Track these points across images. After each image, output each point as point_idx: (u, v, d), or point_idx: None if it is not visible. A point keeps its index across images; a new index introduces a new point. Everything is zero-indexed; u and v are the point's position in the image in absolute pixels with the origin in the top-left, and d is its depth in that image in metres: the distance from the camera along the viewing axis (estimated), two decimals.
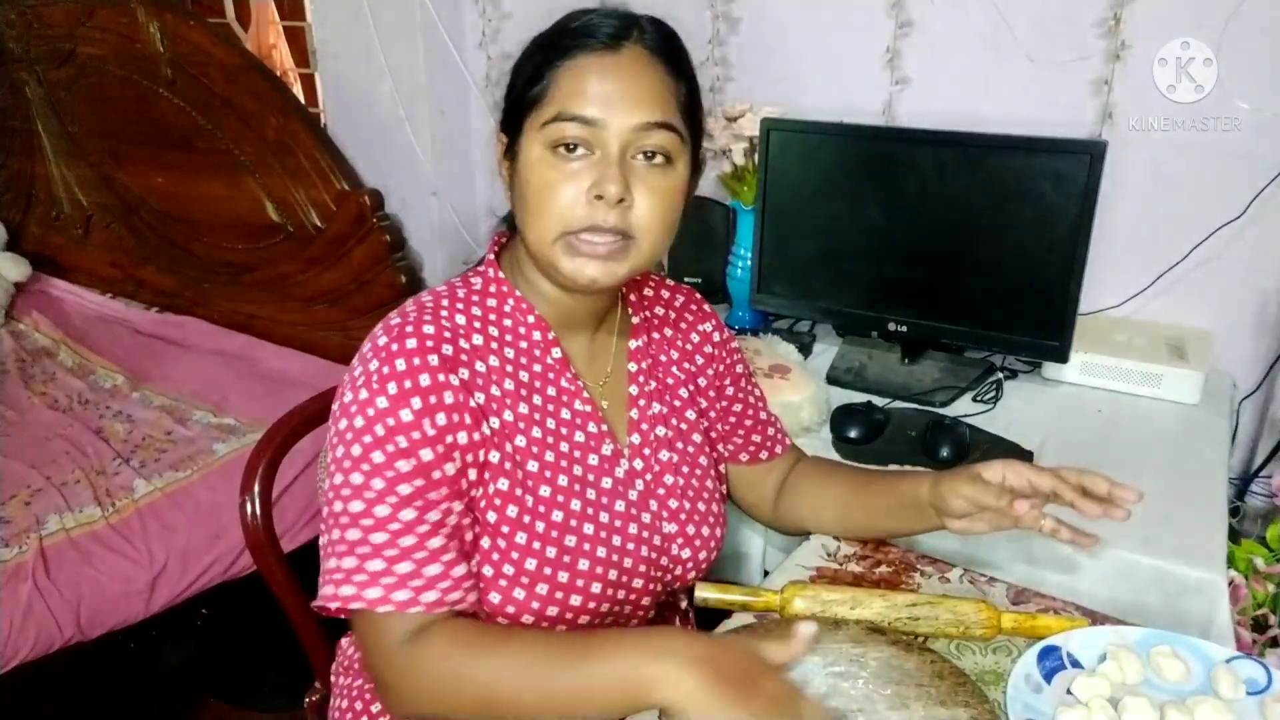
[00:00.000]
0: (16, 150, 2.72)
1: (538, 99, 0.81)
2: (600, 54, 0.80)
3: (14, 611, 1.44)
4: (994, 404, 1.47)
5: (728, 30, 1.82)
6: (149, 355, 2.31)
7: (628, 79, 0.80)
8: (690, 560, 0.96)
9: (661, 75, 0.82)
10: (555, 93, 0.80)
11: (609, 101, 0.79)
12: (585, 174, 0.80)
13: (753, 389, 1.09)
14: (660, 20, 0.85)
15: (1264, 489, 1.46)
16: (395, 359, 0.79)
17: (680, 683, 0.69)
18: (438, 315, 0.83)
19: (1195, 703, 0.75)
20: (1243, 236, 1.48)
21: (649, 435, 0.95)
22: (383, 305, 2.08)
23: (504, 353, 0.86)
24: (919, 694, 0.77)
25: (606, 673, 0.72)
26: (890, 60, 1.65)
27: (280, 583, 1.07)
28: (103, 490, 1.73)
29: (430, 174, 2.12)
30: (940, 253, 1.48)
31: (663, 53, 0.83)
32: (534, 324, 0.89)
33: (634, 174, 0.81)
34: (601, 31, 0.80)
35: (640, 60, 0.81)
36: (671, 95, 0.83)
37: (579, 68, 0.80)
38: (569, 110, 0.79)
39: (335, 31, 2.15)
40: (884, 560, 1.02)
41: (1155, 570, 1.08)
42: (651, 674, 0.70)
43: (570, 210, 0.80)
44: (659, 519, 0.93)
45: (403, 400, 0.77)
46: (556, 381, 0.89)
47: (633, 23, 0.82)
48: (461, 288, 0.89)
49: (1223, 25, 1.39)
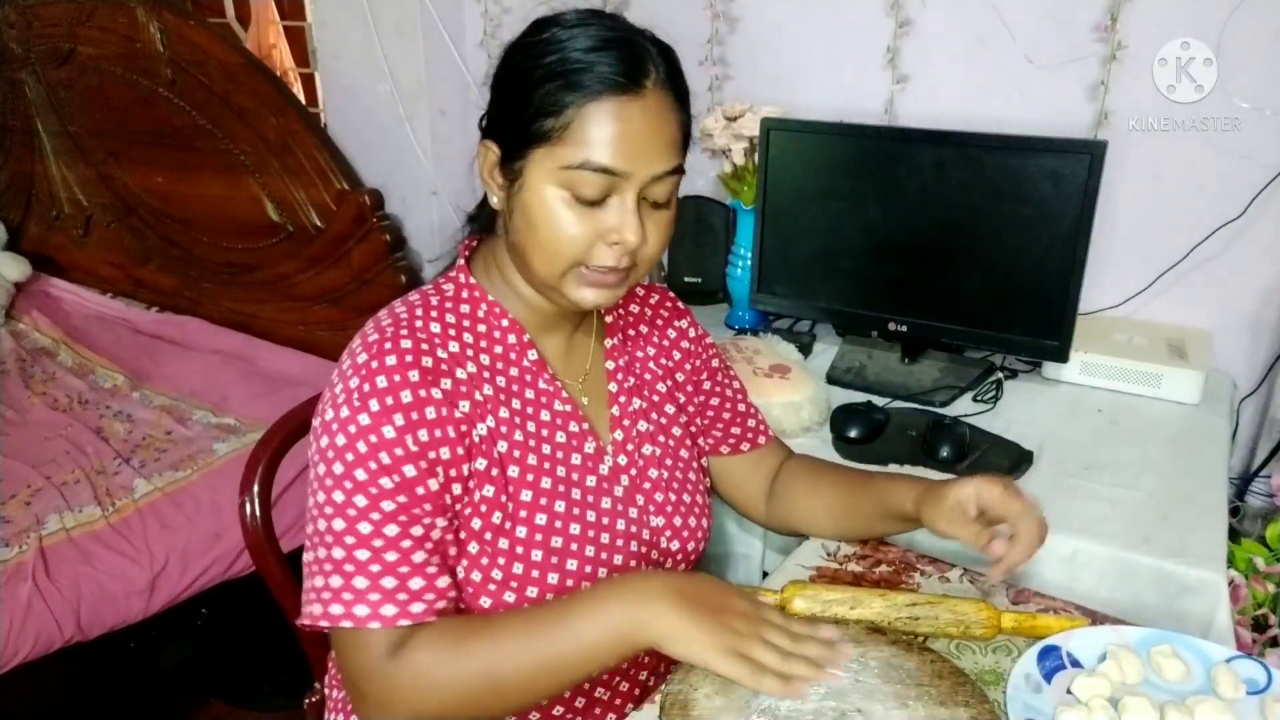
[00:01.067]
0: (16, 150, 2.72)
1: (556, 133, 0.78)
2: (626, 98, 0.77)
3: (14, 611, 1.43)
4: (994, 404, 1.47)
5: (727, 30, 1.82)
6: (149, 355, 2.31)
7: (652, 127, 0.79)
8: (680, 552, 0.96)
9: (677, 116, 0.82)
10: (579, 135, 0.77)
11: (635, 153, 0.78)
12: (601, 218, 0.80)
13: (730, 381, 1.09)
14: (664, 44, 0.83)
15: (1264, 489, 1.46)
16: (375, 376, 0.79)
17: (664, 617, 0.75)
18: (413, 327, 0.83)
19: (1195, 702, 0.75)
20: (1242, 236, 1.48)
21: (631, 431, 0.96)
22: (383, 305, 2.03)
23: (480, 359, 0.86)
24: (919, 694, 0.77)
25: (597, 626, 0.76)
26: (890, 60, 1.65)
27: (279, 582, 1.07)
28: (103, 490, 1.74)
29: (430, 173, 2.12)
30: (940, 252, 1.48)
31: (674, 88, 0.82)
32: (509, 327, 0.89)
33: (643, 213, 0.81)
34: (624, 69, 0.77)
35: (660, 103, 0.79)
36: (681, 133, 0.82)
37: (604, 113, 0.77)
38: (595, 161, 0.77)
39: (335, 31, 2.15)
40: (884, 560, 1.02)
41: (1155, 570, 1.08)
42: (639, 617, 0.76)
43: (582, 250, 0.80)
44: (646, 513, 0.94)
45: (384, 417, 0.77)
46: (534, 383, 0.89)
47: (647, 53, 0.79)
48: (434, 294, 0.88)
49: (1222, 25, 1.39)
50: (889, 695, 0.77)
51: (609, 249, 0.80)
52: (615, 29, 0.80)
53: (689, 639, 0.74)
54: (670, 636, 0.75)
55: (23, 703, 1.49)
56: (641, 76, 0.78)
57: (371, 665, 0.76)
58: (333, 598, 0.77)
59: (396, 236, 2.02)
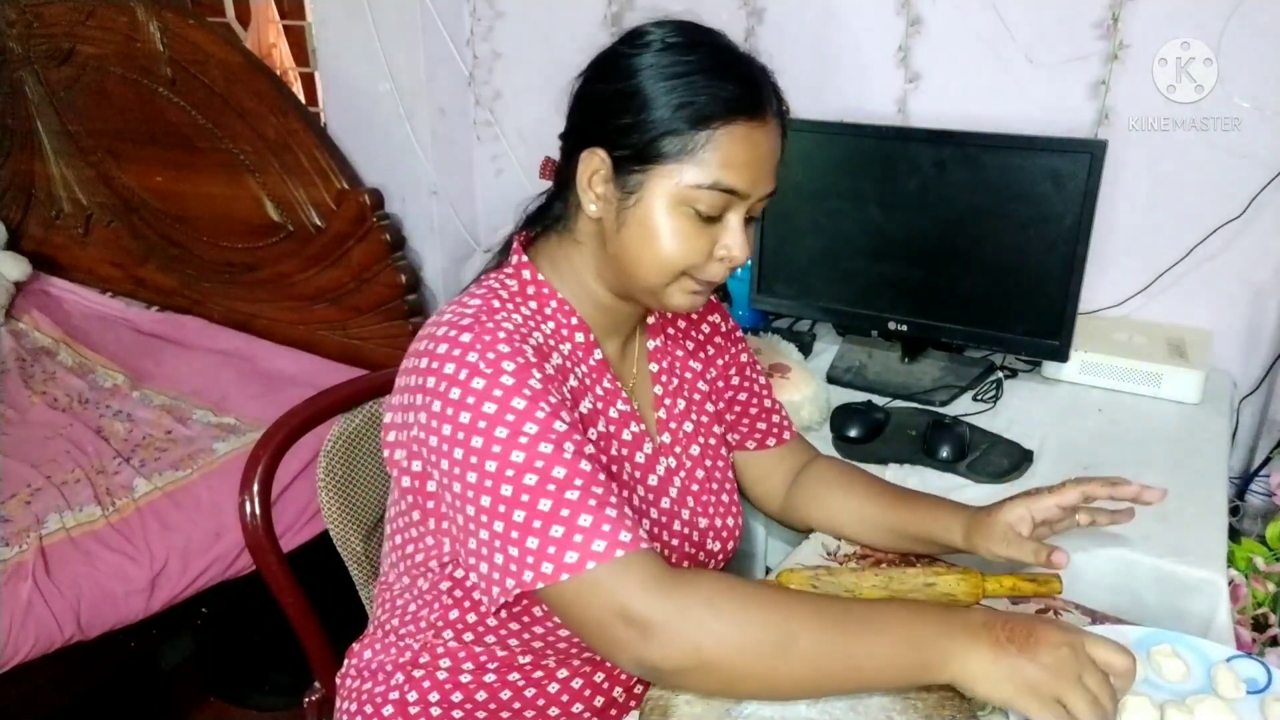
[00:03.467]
0: (16, 150, 2.71)
1: (686, 153, 0.79)
2: (756, 125, 0.80)
3: (14, 610, 1.44)
4: (994, 403, 1.47)
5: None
6: (149, 354, 2.31)
7: (772, 152, 0.83)
8: (720, 552, 0.97)
9: (784, 141, 0.85)
10: (711, 157, 0.79)
11: (756, 176, 0.81)
12: (713, 232, 0.82)
13: (757, 376, 1.09)
14: (770, 73, 0.85)
15: (1264, 488, 1.46)
16: (494, 345, 0.77)
17: (976, 656, 0.69)
18: (495, 318, 0.80)
19: (1195, 702, 0.75)
20: (1242, 236, 1.48)
21: (678, 433, 0.96)
22: (382, 304, 2.08)
23: (560, 349, 0.86)
24: (904, 707, 0.77)
25: (905, 640, 0.71)
26: (903, 59, 1.64)
27: (279, 582, 1.07)
28: (103, 489, 1.74)
29: (430, 173, 2.12)
30: (940, 252, 1.48)
31: (782, 115, 0.85)
32: (577, 325, 0.88)
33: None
34: (757, 98, 0.80)
35: (776, 132, 0.83)
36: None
37: (737, 138, 0.79)
38: (725, 183, 0.79)
39: (335, 30, 2.15)
40: (883, 560, 1.02)
41: (1155, 569, 1.08)
42: (950, 650, 0.70)
43: (693, 260, 0.82)
44: (695, 514, 0.95)
45: (525, 371, 0.76)
46: (600, 382, 0.89)
47: (769, 82, 0.83)
48: (500, 288, 0.86)
49: (1222, 25, 1.39)
50: (874, 707, 0.77)
51: (719, 264, 0.83)
52: (730, 50, 0.83)
53: (998, 679, 0.69)
54: (980, 676, 0.69)
55: (23, 702, 1.49)
56: (765, 103, 0.81)
57: (650, 590, 0.70)
58: (559, 550, 0.71)
59: (396, 236, 2.02)
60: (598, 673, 0.92)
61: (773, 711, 0.76)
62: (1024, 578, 0.92)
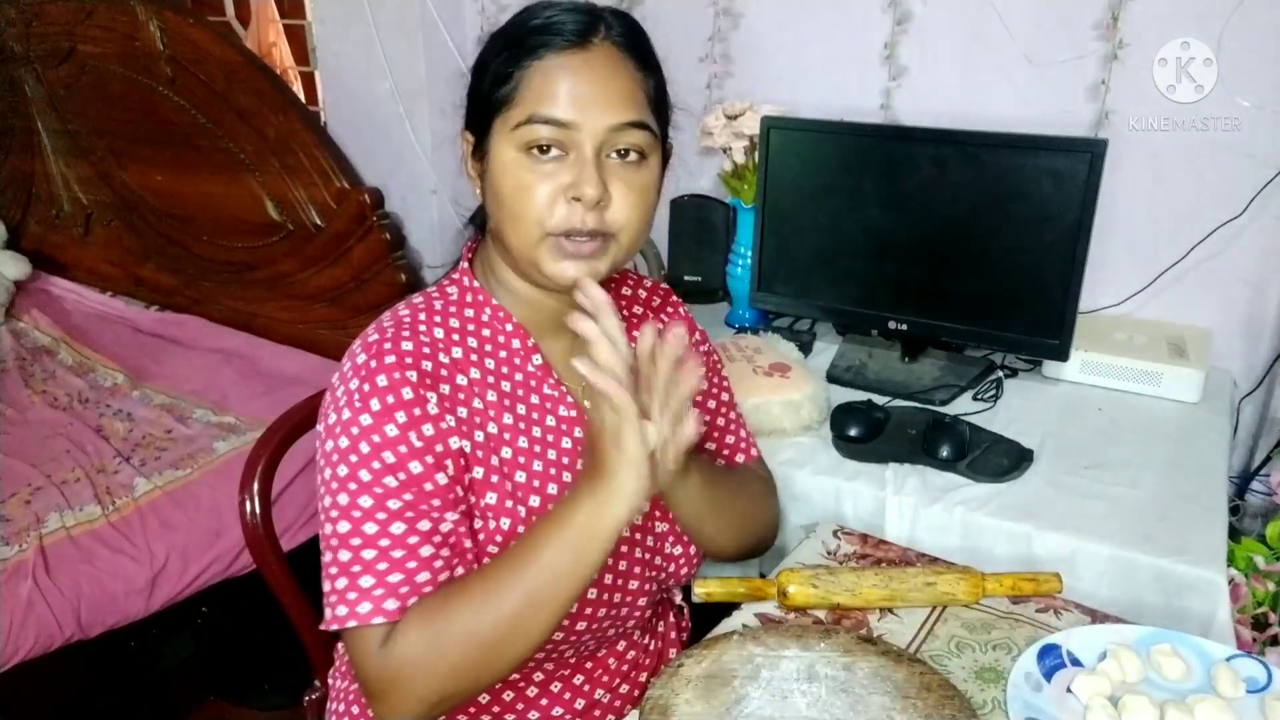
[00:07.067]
0: (16, 149, 2.71)
1: (507, 100, 0.80)
2: (569, 53, 0.79)
3: (14, 610, 1.44)
4: (994, 402, 1.47)
5: (729, 26, 1.82)
6: (149, 353, 2.31)
7: (599, 79, 0.79)
8: (683, 556, 0.96)
9: (631, 72, 0.81)
10: (525, 94, 0.79)
11: (582, 103, 0.78)
12: (560, 174, 0.79)
13: (723, 392, 1.07)
14: (624, 13, 0.84)
15: (1264, 487, 1.46)
16: (375, 375, 0.79)
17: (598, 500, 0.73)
18: (415, 331, 0.83)
19: (1195, 701, 0.75)
20: (1243, 235, 1.48)
21: None
22: (383, 303, 2.07)
23: (484, 364, 0.86)
24: (905, 706, 0.77)
25: (561, 545, 0.74)
26: (888, 57, 1.65)
27: (279, 581, 1.07)
28: (103, 488, 1.74)
29: (430, 172, 2.12)
30: (940, 251, 1.48)
31: (631, 48, 0.82)
32: (512, 332, 0.88)
33: (609, 172, 0.80)
34: (568, 29, 0.79)
35: (610, 58, 0.80)
36: (642, 92, 0.82)
37: (548, 68, 0.79)
38: (541, 113, 0.78)
39: (335, 29, 2.15)
40: (884, 559, 1.02)
41: (1155, 569, 1.08)
42: (588, 516, 0.74)
43: (547, 211, 0.79)
44: (650, 519, 0.93)
45: (387, 416, 0.77)
46: (539, 389, 0.88)
47: (598, 17, 0.81)
48: (438, 298, 0.88)
49: (1222, 25, 1.39)
50: (875, 707, 0.77)
51: (568, 206, 0.79)
52: (569, 4, 0.82)
53: (617, 490, 0.73)
54: (611, 501, 0.73)
55: (23, 701, 1.49)
56: (588, 34, 0.80)
57: (371, 662, 0.76)
58: (338, 600, 0.77)
59: (396, 235, 2.02)
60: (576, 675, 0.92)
61: (772, 711, 0.76)
62: (1024, 577, 0.93)
